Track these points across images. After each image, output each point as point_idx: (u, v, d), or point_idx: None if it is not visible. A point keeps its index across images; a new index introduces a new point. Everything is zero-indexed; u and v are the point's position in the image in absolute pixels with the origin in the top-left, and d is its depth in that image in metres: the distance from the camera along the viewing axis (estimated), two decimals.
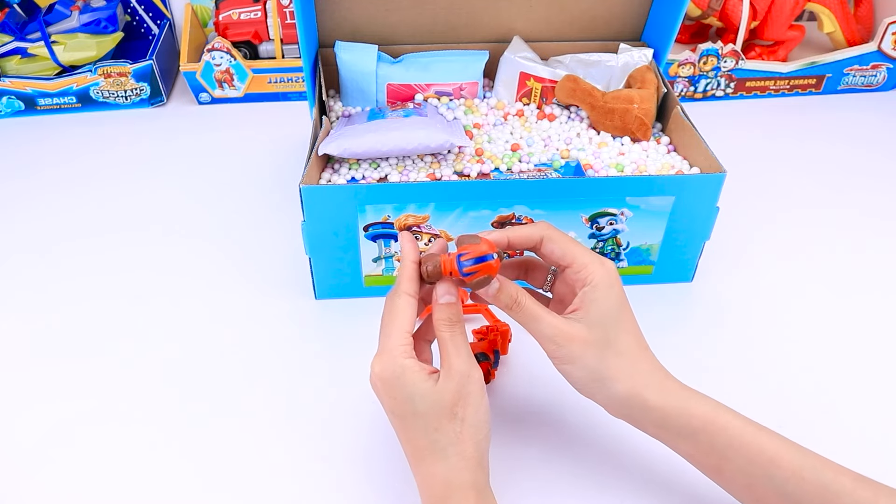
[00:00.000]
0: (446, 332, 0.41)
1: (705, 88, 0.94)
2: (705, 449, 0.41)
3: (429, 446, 0.40)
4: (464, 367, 0.40)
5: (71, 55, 0.89)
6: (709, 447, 0.41)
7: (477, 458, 0.40)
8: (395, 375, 0.40)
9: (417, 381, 0.40)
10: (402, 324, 0.41)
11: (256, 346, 0.59)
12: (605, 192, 0.58)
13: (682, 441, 0.42)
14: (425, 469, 0.41)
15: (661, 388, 0.42)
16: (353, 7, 0.72)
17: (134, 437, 0.52)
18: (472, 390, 0.40)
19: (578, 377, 0.43)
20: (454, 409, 0.40)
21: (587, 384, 0.43)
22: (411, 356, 0.41)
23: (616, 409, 0.43)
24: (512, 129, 0.71)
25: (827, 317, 0.63)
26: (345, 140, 0.62)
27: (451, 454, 0.40)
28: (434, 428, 0.40)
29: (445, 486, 0.40)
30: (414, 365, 0.40)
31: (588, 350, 0.42)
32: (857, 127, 0.90)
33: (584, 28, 0.76)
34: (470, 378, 0.40)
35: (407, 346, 0.41)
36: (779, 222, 0.74)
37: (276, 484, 0.49)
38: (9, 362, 0.58)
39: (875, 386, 0.57)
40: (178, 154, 0.84)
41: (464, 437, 0.40)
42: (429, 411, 0.40)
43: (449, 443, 0.40)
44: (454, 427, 0.40)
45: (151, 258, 0.68)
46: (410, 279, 0.42)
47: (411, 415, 0.40)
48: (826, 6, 0.93)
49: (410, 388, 0.40)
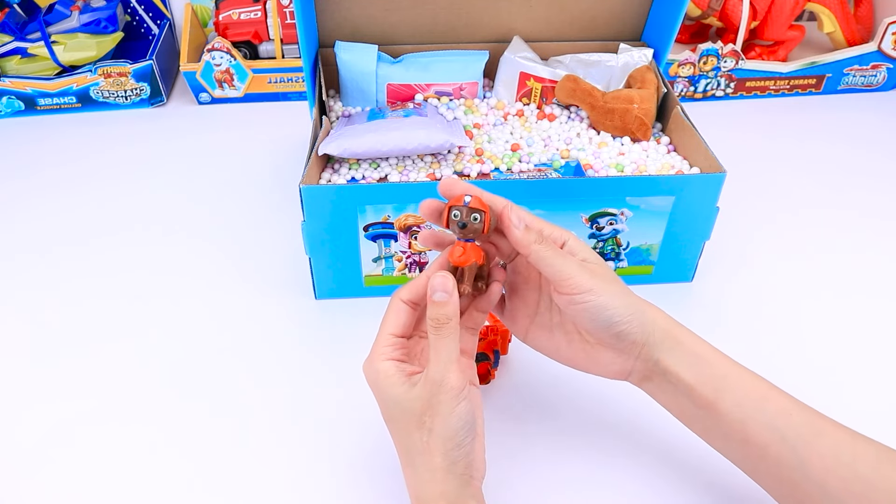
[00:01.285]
0: (432, 333, 0.39)
1: (705, 88, 0.94)
2: (706, 378, 0.41)
3: (403, 451, 0.41)
4: (437, 376, 0.38)
5: (71, 55, 0.89)
6: (709, 376, 0.42)
7: (445, 468, 0.39)
8: (372, 379, 0.41)
9: (389, 385, 0.40)
10: (388, 327, 0.41)
11: (256, 346, 0.59)
12: (605, 192, 0.58)
13: (688, 368, 0.42)
14: (406, 473, 0.41)
15: (666, 316, 0.43)
16: (353, 7, 0.72)
17: (134, 437, 0.52)
18: (443, 399, 0.38)
19: (616, 306, 0.41)
20: (422, 419, 0.39)
21: (625, 313, 0.41)
22: (391, 358, 0.40)
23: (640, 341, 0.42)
24: (512, 129, 0.71)
25: (827, 317, 0.63)
26: (345, 140, 0.62)
27: (418, 464, 0.40)
28: (406, 434, 0.40)
29: (416, 497, 0.40)
30: (389, 368, 0.40)
31: (613, 280, 0.42)
32: (857, 127, 0.90)
33: (584, 28, 0.76)
34: (441, 387, 0.38)
35: (388, 349, 0.41)
36: (779, 222, 0.74)
37: (276, 484, 0.49)
38: (9, 362, 0.58)
39: (875, 386, 0.57)
40: (178, 154, 0.84)
41: (431, 447, 0.39)
42: (401, 417, 0.40)
43: (417, 452, 0.39)
44: (421, 437, 0.39)
45: (151, 258, 0.68)
46: (412, 287, 0.42)
47: (388, 418, 0.41)
48: (826, 6, 0.93)
49: (384, 392, 0.40)
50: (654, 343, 0.42)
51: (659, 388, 0.44)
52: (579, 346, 0.44)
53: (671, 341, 0.42)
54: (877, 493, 0.38)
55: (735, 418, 0.41)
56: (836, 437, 0.40)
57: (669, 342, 0.42)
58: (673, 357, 0.42)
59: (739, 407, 0.41)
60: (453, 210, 0.40)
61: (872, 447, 0.39)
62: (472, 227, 0.40)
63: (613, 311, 0.41)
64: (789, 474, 0.40)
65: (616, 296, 0.41)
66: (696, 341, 0.43)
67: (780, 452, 0.40)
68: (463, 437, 0.39)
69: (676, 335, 0.42)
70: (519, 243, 0.41)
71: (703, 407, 0.42)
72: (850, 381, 0.57)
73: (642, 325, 0.42)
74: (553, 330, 0.45)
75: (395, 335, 0.41)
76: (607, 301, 0.41)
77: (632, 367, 0.43)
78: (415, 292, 0.42)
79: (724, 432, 0.42)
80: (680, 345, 0.42)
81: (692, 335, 0.43)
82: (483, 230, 0.41)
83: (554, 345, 0.45)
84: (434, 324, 0.39)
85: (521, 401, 0.55)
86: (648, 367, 0.43)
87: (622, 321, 0.41)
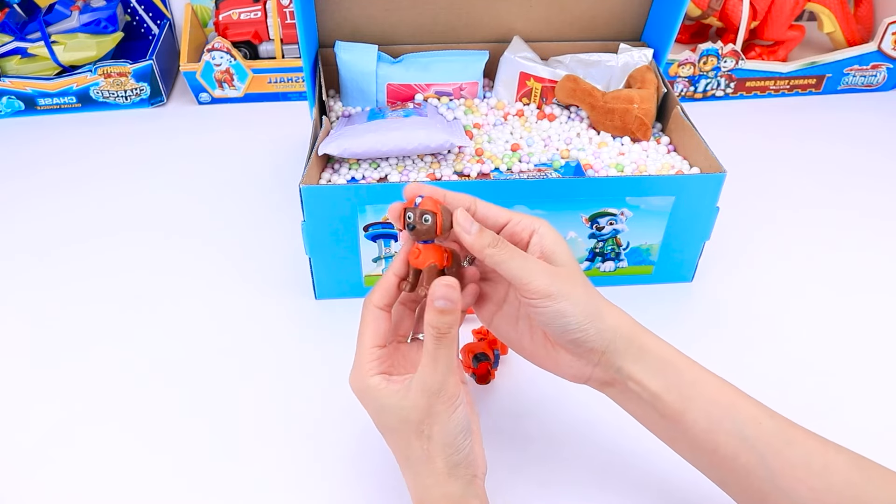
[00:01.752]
0: (430, 342, 0.38)
1: (705, 88, 0.94)
2: (673, 385, 0.40)
3: (403, 460, 0.41)
4: (435, 386, 0.38)
5: (71, 55, 0.89)
6: (677, 382, 0.40)
7: (447, 472, 0.39)
8: (362, 393, 0.40)
9: (383, 397, 0.39)
10: (369, 339, 0.41)
11: (256, 346, 0.59)
12: (605, 192, 0.58)
13: (654, 376, 0.40)
14: (406, 479, 0.41)
15: (632, 320, 0.42)
16: (353, 7, 0.72)
17: (134, 437, 0.52)
18: (440, 409, 0.38)
19: (575, 314, 0.39)
20: (420, 427, 0.38)
21: (582, 321, 0.39)
22: (378, 372, 0.40)
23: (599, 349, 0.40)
24: (512, 129, 0.71)
25: (827, 316, 0.63)
26: (345, 140, 0.62)
27: (420, 471, 0.39)
28: (405, 443, 0.40)
29: (419, 502, 0.40)
30: (379, 383, 0.40)
31: (577, 284, 0.40)
32: (857, 127, 0.90)
33: (584, 28, 0.76)
34: (439, 396, 0.38)
35: (374, 363, 0.40)
36: (779, 222, 0.74)
37: (276, 484, 0.49)
38: (9, 362, 0.58)
39: (875, 385, 0.57)
40: (178, 154, 0.84)
41: (431, 453, 0.39)
42: (398, 426, 0.39)
43: (418, 460, 0.39)
44: (421, 444, 0.39)
45: (151, 258, 0.68)
46: (384, 290, 0.41)
47: (385, 429, 0.41)
48: (826, 6, 0.93)
49: (378, 403, 0.40)
50: (615, 351, 0.40)
51: (622, 395, 0.42)
52: (541, 343, 0.43)
53: (636, 349, 0.41)
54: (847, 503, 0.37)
55: (702, 427, 0.40)
56: (807, 447, 0.39)
57: (634, 350, 0.41)
58: (638, 365, 0.41)
59: (707, 415, 0.40)
60: (406, 212, 0.39)
61: (843, 456, 0.39)
62: (422, 229, 0.39)
63: (570, 319, 0.39)
64: (759, 485, 0.39)
65: (575, 302, 0.39)
66: (663, 348, 0.41)
67: (749, 462, 0.39)
68: (461, 441, 0.39)
69: (642, 342, 0.41)
70: (471, 248, 0.39)
71: (670, 416, 0.40)
72: (850, 381, 0.57)
73: (600, 332, 0.40)
74: (518, 321, 0.44)
75: (377, 347, 0.41)
76: (564, 308, 0.39)
77: (590, 374, 0.42)
78: (388, 296, 0.41)
79: (691, 441, 0.41)
80: (645, 352, 0.41)
81: (658, 341, 0.42)
82: (436, 231, 0.39)
83: (517, 336, 0.44)
84: (435, 332, 0.37)
85: (521, 401, 0.55)
86: (610, 375, 0.41)
87: (578, 328, 0.39)
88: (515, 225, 0.41)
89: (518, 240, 0.42)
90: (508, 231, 0.42)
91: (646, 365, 0.41)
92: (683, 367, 0.41)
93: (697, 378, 0.41)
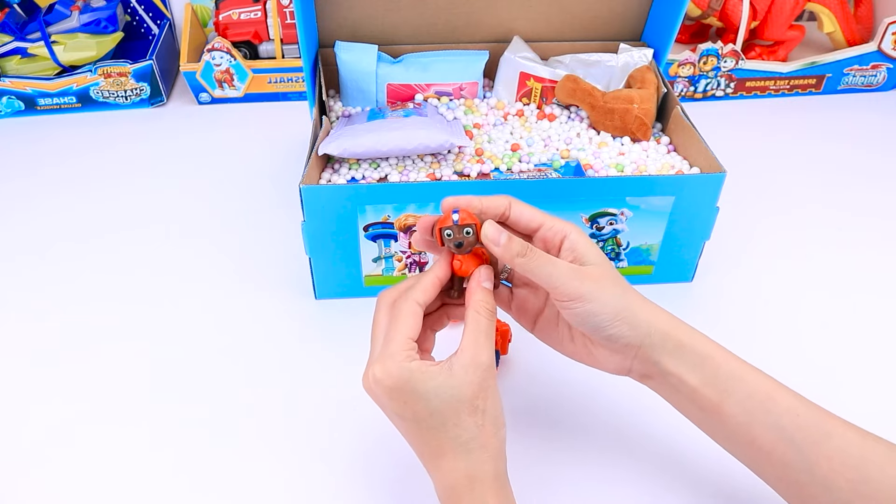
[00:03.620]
0: (484, 318, 0.40)
1: (705, 88, 0.94)
2: (710, 379, 0.41)
3: (448, 443, 0.39)
4: (486, 360, 0.40)
5: (71, 55, 0.89)
6: (714, 377, 0.41)
7: (497, 447, 0.40)
8: (402, 380, 0.39)
9: (429, 378, 0.39)
10: (407, 330, 0.40)
11: (256, 346, 0.59)
12: (605, 192, 0.58)
13: (691, 370, 0.41)
14: (446, 465, 0.40)
15: (669, 315, 0.43)
16: (353, 7, 0.72)
17: (133, 437, 0.52)
18: (491, 383, 0.40)
19: (604, 313, 0.41)
20: (475, 402, 0.39)
21: (612, 320, 0.41)
22: (416, 359, 0.40)
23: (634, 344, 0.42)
24: (512, 129, 0.71)
25: (827, 316, 0.63)
26: (345, 140, 0.62)
27: (473, 448, 0.39)
28: (454, 423, 0.39)
29: (469, 480, 0.39)
30: (421, 366, 0.39)
31: (607, 282, 0.41)
32: (857, 127, 0.90)
33: (584, 28, 0.76)
34: (489, 370, 0.40)
35: (411, 352, 0.40)
36: (779, 222, 0.74)
37: (276, 484, 0.49)
38: (9, 362, 0.58)
39: (875, 384, 0.57)
40: (178, 154, 0.84)
41: (486, 429, 0.40)
42: (447, 408, 0.39)
43: (471, 437, 0.39)
44: (476, 420, 0.39)
45: (151, 258, 0.68)
46: (426, 290, 0.42)
47: (427, 415, 0.39)
48: (826, 6, 0.93)
49: (424, 386, 0.39)
50: (651, 345, 0.41)
51: (662, 388, 0.43)
52: (581, 343, 0.45)
53: (672, 343, 0.41)
54: (885, 495, 0.37)
55: (740, 420, 0.40)
56: (845, 438, 0.39)
57: (671, 344, 0.41)
58: (675, 360, 0.41)
59: (744, 408, 0.40)
60: (445, 231, 0.41)
61: (882, 447, 0.39)
62: (467, 243, 0.41)
63: (601, 318, 0.41)
64: (796, 476, 0.39)
65: (605, 302, 0.41)
66: (701, 342, 0.42)
67: (787, 454, 0.39)
68: (501, 414, 0.41)
69: (678, 337, 0.42)
70: (501, 258, 0.41)
71: (708, 409, 0.41)
72: (850, 381, 0.57)
73: (634, 328, 0.41)
74: (559, 325, 0.46)
75: (412, 338, 0.41)
76: (594, 308, 0.40)
77: (630, 366, 0.43)
78: (429, 296, 0.42)
79: (729, 434, 0.41)
80: (682, 347, 0.41)
81: (695, 334, 0.42)
82: (477, 239, 0.41)
83: (559, 338, 0.46)
84: (488, 310, 0.41)
85: (522, 401, 0.55)
86: (648, 368, 0.42)
87: (610, 326, 0.41)
88: (548, 230, 0.43)
89: (550, 245, 0.43)
90: (541, 236, 0.43)
91: (683, 360, 0.41)
92: (721, 361, 0.41)
93: (735, 371, 0.41)
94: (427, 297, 0.42)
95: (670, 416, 0.45)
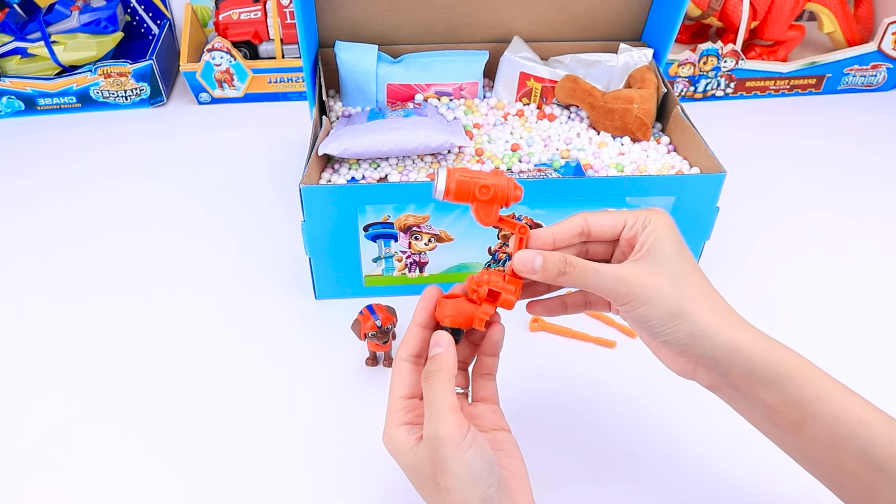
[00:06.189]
0: (430, 385, 0.38)
1: (705, 88, 0.94)
2: (792, 400, 0.37)
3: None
4: (430, 429, 0.36)
5: (71, 55, 0.89)
6: (796, 398, 0.37)
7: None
8: (391, 449, 0.39)
9: (401, 453, 0.38)
10: (395, 390, 0.40)
11: (257, 346, 0.59)
12: (605, 192, 0.58)
13: (767, 390, 0.37)
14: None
15: (746, 327, 0.38)
16: (353, 7, 0.72)
17: (133, 436, 0.52)
18: (446, 454, 0.35)
19: (657, 317, 0.38)
20: (436, 479, 0.36)
21: (667, 324, 0.38)
22: (404, 423, 0.39)
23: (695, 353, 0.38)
24: (512, 129, 0.71)
25: (827, 316, 0.63)
26: (345, 140, 0.62)
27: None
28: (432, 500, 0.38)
29: None
30: (401, 434, 0.38)
31: (661, 282, 0.38)
32: (857, 127, 0.90)
33: (584, 28, 0.76)
34: (439, 440, 0.36)
35: (400, 413, 0.39)
36: (779, 222, 0.74)
37: (275, 484, 0.49)
38: (9, 362, 0.58)
39: (876, 385, 0.57)
40: (178, 154, 0.84)
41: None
42: (420, 483, 0.38)
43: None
44: (441, 497, 0.36)
45: (151, 258, 0.68)
46: (408, 343, 0.41)
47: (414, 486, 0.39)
48: (826, 6, 0.93)
49: (401, 459, 0.38)
50: (717, 357, 0.38)
51: (732, 401, 0.39)
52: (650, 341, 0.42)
53: (746, 359, 0.37)
54: None
55: (824, 444, 0.36)
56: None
57: (744, 360, 0.37)
58: (748, 377, 0.37)
59: (829, 433, 0.36)
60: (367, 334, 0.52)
61: None
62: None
63: (653, 323, 0.38)
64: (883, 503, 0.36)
65: (656, 305, 0.38)
66: (779, 357, 0.37)
67: (876, 483, 0.35)
68: (485, 489, 0.36)
69: (752, 352, 0.37)
70: (545, 282, 0.39)
71: (787, 429, 0.37)
72: (851, 380, 0.57)
73: (694, 336, 0.38)
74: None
75: (405, 397, 0.40)
76: (644, 312, 0.38)
77: (693, 373, 0.40)
78: (412, 347, 0.41)
79: (811, 456, 0.38)
80: (757, 364, 0.37)
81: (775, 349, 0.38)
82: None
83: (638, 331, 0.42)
84: (424, 377, 0.38)
85: (522, 400, 0.55)
86: (715, 379, 0.39)
87: (663, 332, 0.38)
88: (629, 230, 0.40)
89: (634, 243, 0.40)
90: (626, 237, 0.41)
91: (757, 378, 0.37)
92: (804, 381, 0.37)
93: (821, 392, 0.37)
94: (411, 349, 0.41)
95: (673, 422, 0.45)
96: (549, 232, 0.40)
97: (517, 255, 0.39)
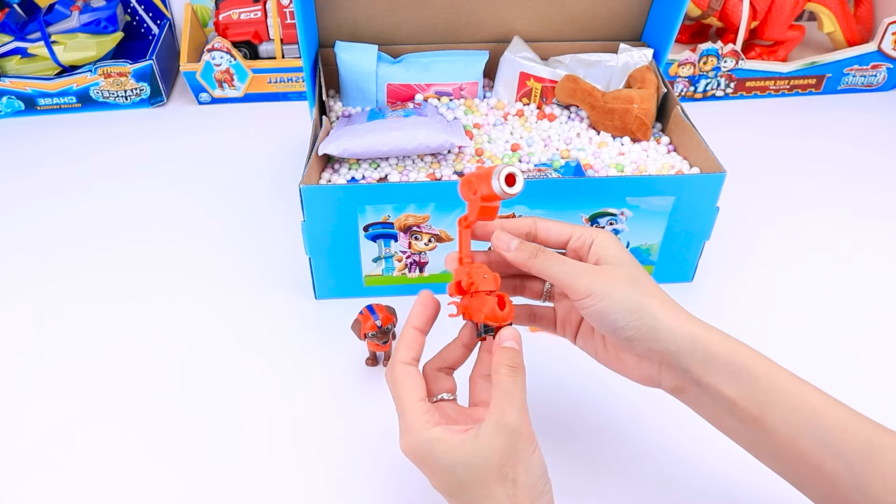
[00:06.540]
0: (507, 377, 0.38)
1: (705, 88, 0.94)
2: (749, 391, 0.38)
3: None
4: (514, 423, 0.36)
5: (71, 55, 0.89)
6: (753, 389, 0.38)
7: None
8: (424, 452, 0.37)
9: (450, 450, 0.37)
10: (412, 395, 0.39)
11: (256, 346, 0.59)
12: (605, 192, 0.58)
13: (727, 382, 0.38)
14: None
15: (701, 323, 0.40)
16: (353, 7, 0.72)
17: (133, 436, 0.52)
18: (522, 447, 0.36)
19: (618, 310, 0.39)
20: (503, 470, 0.36)
21: (628, 317, 0.39)
22: (437, 424, 0.38)
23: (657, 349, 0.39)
24: (512, 129, 0.71)
25: (827, 316, 0.63)
26: (345, 140, 0.62)
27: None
28: (484, 496, 0.37)
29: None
30: (442, 434, 0.37)
31: (620, 282, 0.39)
32: (857, 127, 0.90)
33: (584, 28, 0.76)
34: (520, 434, 0.36)
35: (427, 415, 0.38)
36: (779, 222, 0.74)
37: (275, 484, 0.49)
38: (9, 362, 0.58)
39: (876, 385, 0.57)
40: (178, 154, 0.84)
41: (518, 497, 0.36)
42: (474, 479, 0.36)
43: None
44: (505, 490, 0.36)
45: (151, 258, 0.68)
46: (405, 345, 0.41)
47: (457, 487, 0.37)
48: (826, 6, 0.93)
49: (447, 459, 0.37)
50: (678, 352, 0.39)
51: (696, 402, 0.41)
52: (612, 350, 0.43)
53: (703, 352, 0.39)
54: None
55: (784, 434, 0.38)
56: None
57: (701, 353, 0.39)
58: (707, 369, 0.39)
59: (788, 422, 0.37)
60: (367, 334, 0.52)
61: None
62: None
63: (615, 316, 0.39)
64: (846, 493, 0.37)
65: (617, 299, 0.39)
66: (735, 350, 0.39)
67: (836, 470, 0.36)
68: (544, 485, 0.37)
69: (709, 345, 0.39)
70: (514, 262, 0.42)
71: (747, 422, 0.39)
72: (851, 380, 0.57)
73: (654, 331, 0.39)
74: (594, 333, 0.45)
75: (422, 400, 0.39)
76: (606, 306, 0.39)
77: (658, 376, 0.41)
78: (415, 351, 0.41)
79: (773, 449, 0.39)
80: (713, 356, 0.39)
81: (730, 343, 0.40)
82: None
83: (594, 347, 0.45)
84: (510, 368, 0.38)
85: None
86: (679, 378, 0.40)
87: (627, 326, 0.39)
88: (577, 240, 0.42)
89: (581, 254, 0.42)
90: (571, 246, 0.43)
91: (716, 370, 0.39)
92: (760, 374, 0.39)
93: (776, 383, 0.38)
94: (415, 353, 0.41)
95: (672, 425, 0.45)
96: (497, 224, 0.43)
97: (496, 233, 0.42)
